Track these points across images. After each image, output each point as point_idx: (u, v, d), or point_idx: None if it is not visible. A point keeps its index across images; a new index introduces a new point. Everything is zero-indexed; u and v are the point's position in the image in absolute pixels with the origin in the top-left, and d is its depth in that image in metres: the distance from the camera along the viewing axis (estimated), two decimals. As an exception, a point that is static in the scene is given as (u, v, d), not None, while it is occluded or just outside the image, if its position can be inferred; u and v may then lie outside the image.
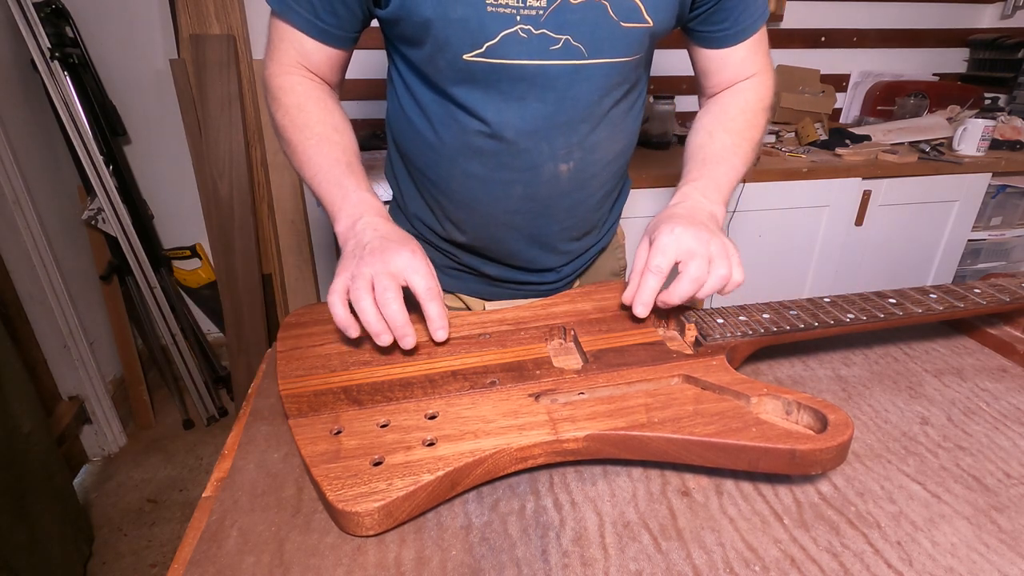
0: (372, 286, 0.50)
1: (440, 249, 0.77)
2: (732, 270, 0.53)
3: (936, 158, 1.63)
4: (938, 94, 1.91)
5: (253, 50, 1.69)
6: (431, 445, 0.42)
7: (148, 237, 1.77)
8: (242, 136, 1.66)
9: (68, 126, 1.51)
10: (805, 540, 0.39)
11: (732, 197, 0.68)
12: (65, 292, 1.55)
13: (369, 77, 1.66)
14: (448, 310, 0.55)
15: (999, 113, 1.71)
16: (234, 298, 1.77)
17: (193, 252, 1.90)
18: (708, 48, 0.69)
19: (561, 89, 0.60)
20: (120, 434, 1.76)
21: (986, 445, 0.47)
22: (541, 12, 0.55)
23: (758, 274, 1.67)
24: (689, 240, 0.53)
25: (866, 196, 1.61)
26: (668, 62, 1.80)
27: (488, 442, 0.42)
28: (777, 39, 1.91)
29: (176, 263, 1.90)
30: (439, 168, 0.68)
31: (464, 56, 0.57)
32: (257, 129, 1.74)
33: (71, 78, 1.50)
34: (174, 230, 1.92)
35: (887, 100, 1.96)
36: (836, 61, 1.99)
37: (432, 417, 0.44)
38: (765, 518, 0.41)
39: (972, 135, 1.63)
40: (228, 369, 1.92)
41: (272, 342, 0.68)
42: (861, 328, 0.54)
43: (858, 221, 1.65)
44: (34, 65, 1.46)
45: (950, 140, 1.70)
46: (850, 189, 1.60)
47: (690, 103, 1.97)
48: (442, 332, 0.53)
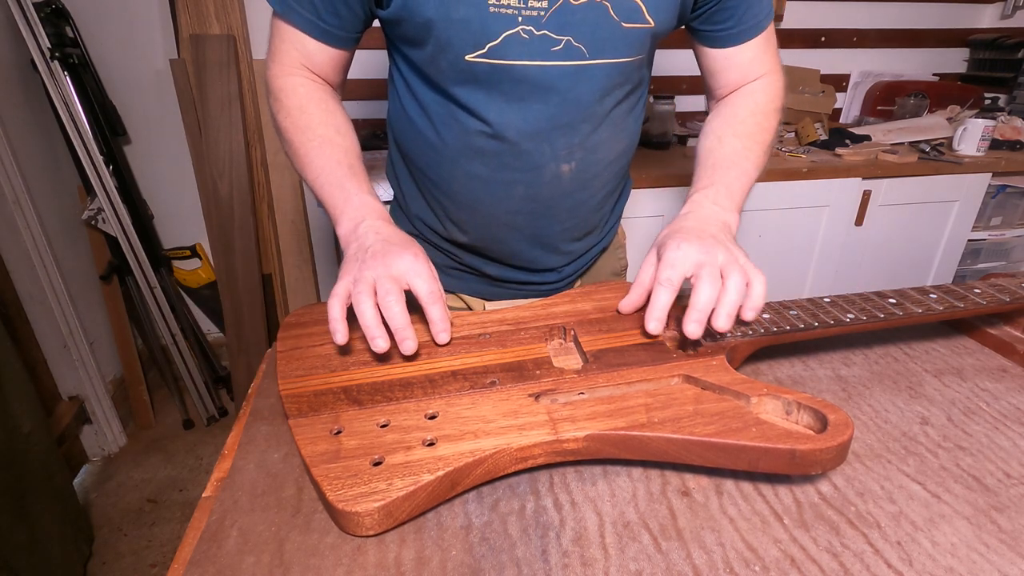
0: (374, 290, 0.50)
1: (441, 249, 0.77)
2: (750, 277, 0.51)
3: (936, 158, 1.63)
4: (938, 94, 1.91)
5: (253, 50, 1.69)
6: (431, 445, 0.42)
7: (148, 237, 1.77)
8: (242, 136, 1.66)
9: (68, 126, 1.51)
10: (805, 540, 0.39)
11: None
12: (65, 292, 1.55)
13: (370, 77, 1.66)
14: (450, 312, 0.55)
15: (999, 113, 1.71)
16: (234, 298, 1.77)
17: (193, 252, 1.90)
18: (713, 47, 0.68)
19: (563, 90, 0.60)
20: (120, 434, 1.76)
21: (986, 445, 0.47)
22: (543, 13, 0.55)
23: (758, 274, 1.66)
24: (696, 254, 0.52)
25: (866, 196, 1.61)
26: (668, 62, 1.80)
27: (488, 442, 0.42)
28: (777, 39, 1.91)
29: (176, 263, 1.90)
30: (440, 168, 0.68)
31: (466, 57, 0.57)
32: (257, 129, 1.74)
33: (71, 78, 1.50)
34: (174, 230, 1.92)
35: (887, 100, 1.96)
36: (836, 61, 1.99)
37: (432, 417, 0.44)
38: (765, 518, 0.41)
39: (972, 135, 1.63)
40: (228, 369, 1.92)
41: (272, 342, 0.68)
42: (861, 328, 0.54)
43: (858, 221, 1.65)
44: (34, 65, 1.46)
45: (950, 140, 1.70)
46: (850, 189, 1.60)
47: (690, 103, 1.97)
48: (444, 335, 0.53)
